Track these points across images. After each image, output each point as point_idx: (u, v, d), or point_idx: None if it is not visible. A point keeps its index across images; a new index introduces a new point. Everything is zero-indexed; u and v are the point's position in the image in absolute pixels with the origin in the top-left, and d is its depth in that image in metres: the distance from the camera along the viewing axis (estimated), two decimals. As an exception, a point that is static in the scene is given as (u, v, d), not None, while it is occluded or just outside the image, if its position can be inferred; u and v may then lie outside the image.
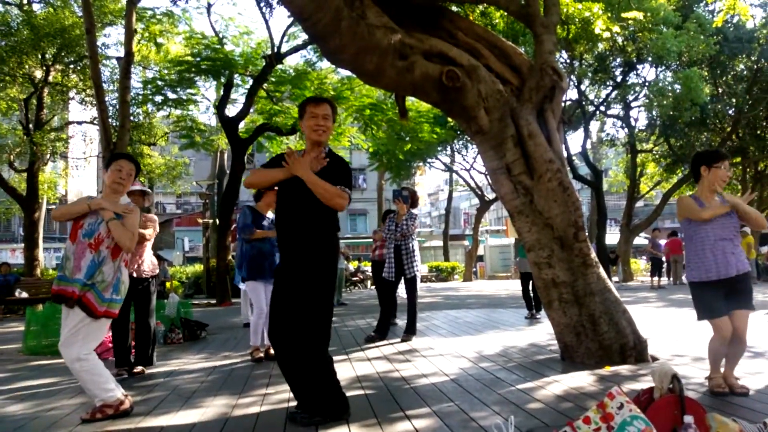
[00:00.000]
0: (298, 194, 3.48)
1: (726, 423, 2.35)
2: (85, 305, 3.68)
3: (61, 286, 3.75)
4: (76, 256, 3.76)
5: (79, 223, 3.83)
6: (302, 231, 3.46)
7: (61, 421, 3.74)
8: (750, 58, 19.66)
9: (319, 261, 3.46)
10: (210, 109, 20.03)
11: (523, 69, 5.68)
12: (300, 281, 3.41)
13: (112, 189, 3.96)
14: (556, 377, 4.48)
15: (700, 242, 3.92)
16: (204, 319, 8.87)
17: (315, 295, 3.41)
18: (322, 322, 3.45)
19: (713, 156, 4.05)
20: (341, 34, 4.70)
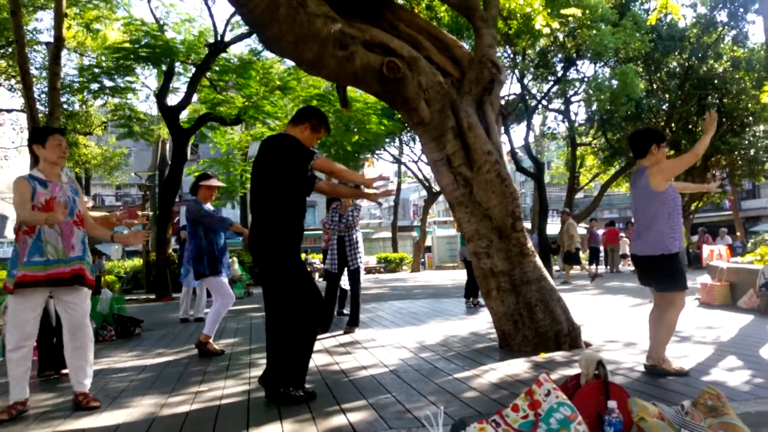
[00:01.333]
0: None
1: (646, 407, 2.43)
2: (90, 284, 3.89)
3: (51, 270, 3.68)
4: (64, 235, 3.76)
5: (52, 204, 3.72)
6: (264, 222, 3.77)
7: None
8: (682, 56, 20.50)
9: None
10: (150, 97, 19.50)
11: (464, 62, 5.73)
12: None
13: (54, 164, 3.87)
14: (493, 365, 4.55)
15: (676, 213, 4.04)
16: (141, 314, 8.62)
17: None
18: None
19: (662, 135, 4.16)
20: (279, 22, 4.63)
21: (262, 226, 3.73)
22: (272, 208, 3.71)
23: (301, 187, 3.83)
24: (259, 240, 3.74)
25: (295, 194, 3.78)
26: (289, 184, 3.74)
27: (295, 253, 3.81)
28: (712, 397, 2.50)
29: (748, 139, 21.42)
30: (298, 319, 3.69)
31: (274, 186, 3.73)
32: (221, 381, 4.47)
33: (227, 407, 3.69)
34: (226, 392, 4.09)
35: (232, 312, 9.34)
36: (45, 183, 3.77)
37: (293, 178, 3.76)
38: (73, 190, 3.93)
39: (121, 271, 19.81)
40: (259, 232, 3.74)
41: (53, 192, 3.78)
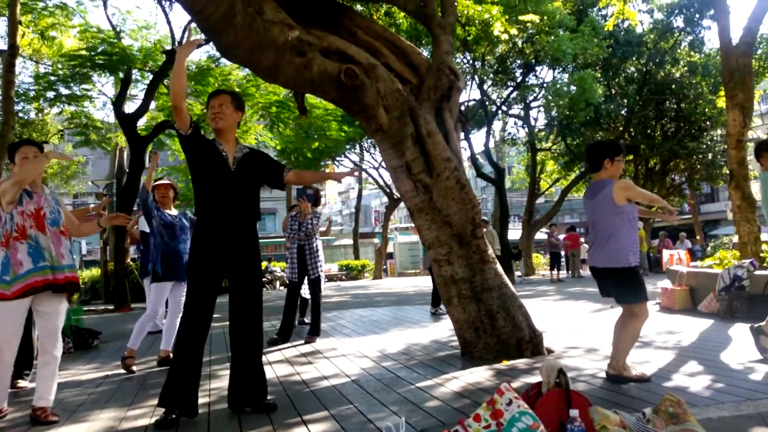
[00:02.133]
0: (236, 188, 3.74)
1: (608, 416, 2.43)
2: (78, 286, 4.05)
3: (48, 276, 3.72)
4: (55, 244, 3.82)
5: (40, 213, 3.79)
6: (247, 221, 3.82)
7: None
8: (640, 61, 20.93)
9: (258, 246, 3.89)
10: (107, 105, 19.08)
11: (422, 68, 5.73)
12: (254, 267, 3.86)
13: (35, 176, 3.91)
14: (456, 374, 4.53)
15: (634, 226, 4.10)
16: (100, 326, 8.39)
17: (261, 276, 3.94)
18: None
19: (615, 149, 4.21)
20: (235, 29, 4.54)
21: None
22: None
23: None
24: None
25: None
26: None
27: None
28: (672, 403, 2.51)
29: (705, 143, 21.93)
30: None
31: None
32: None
33: (187, 420, 3.57)
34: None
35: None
36: (31, 194, 3.83)
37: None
38: (56, 201, 4.00)
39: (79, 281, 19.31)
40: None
41: (39, 203, 3.84)
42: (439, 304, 8.99)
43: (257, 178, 3.86)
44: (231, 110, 3.78)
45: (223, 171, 3.68)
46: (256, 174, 3.85)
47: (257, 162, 3.88)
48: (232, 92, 3.95)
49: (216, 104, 3.74)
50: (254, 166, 3.84)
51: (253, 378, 3.68)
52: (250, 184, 3.79)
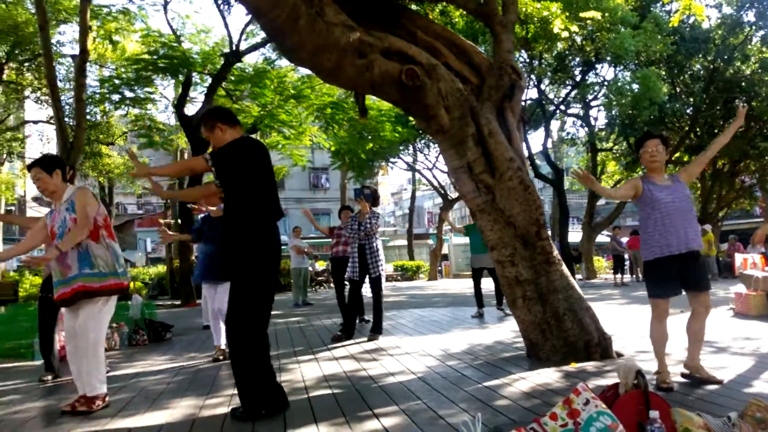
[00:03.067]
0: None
1: (691, 417, 2.36)
2: (112, 290, 4.00)
3: (58, 292, 3.93)
4: (59, 258, 3.86)
5: (52, 232, 4.01)
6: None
7: (29, 423, 3.66)
8: (706, 58, 20.08)
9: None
10: (169, 107, 19.69)
11: (483, 68, 5.69)
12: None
13: (45, 196, 4.14)
14: (523, 374, 4.49)
15: (655, 220, 4.07)
16: (168, 320, 8.71)
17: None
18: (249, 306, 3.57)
19: (639, 141, 4.27)
20: (299, 32, 4.62)
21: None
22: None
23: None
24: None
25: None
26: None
27: None
28: (760, 408, 2.42)
29: (779, 143, 20.89)
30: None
31: None
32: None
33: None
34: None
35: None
36: (52, 212, 4.08)
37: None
38: (70, 208, 3.97)
39: (146, 277, 19.98)
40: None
41: (53, 221, 4.03)
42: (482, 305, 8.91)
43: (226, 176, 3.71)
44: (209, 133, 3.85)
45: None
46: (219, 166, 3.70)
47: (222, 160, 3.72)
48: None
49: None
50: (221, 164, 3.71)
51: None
52: (224, 183, 3.71)
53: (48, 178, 4.03)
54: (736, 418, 2.37)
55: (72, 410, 3.82)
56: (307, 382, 4.52)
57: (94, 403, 3.88)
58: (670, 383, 3.89)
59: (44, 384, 4.94)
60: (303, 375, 4.81)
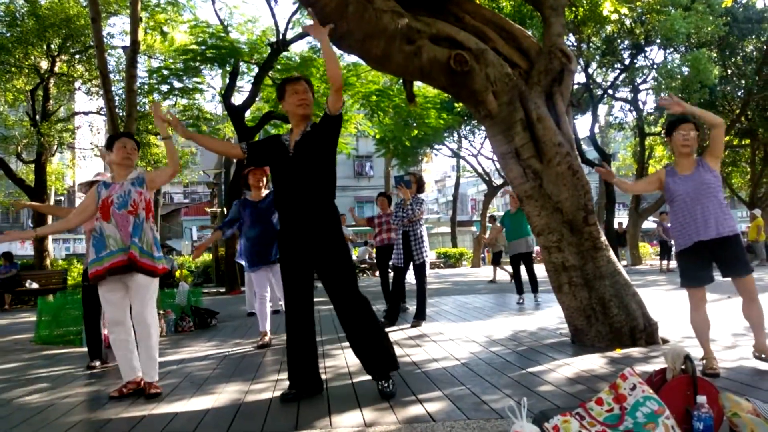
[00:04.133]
0: (298, 171, 3.69)
1: (739, 402, 2.34)
2: (145, 269, 4.01)
3: (114, 260, 3.96)
4: (120, 226, 4.01)
5: (107, 202, 4.04)
6: (315, 202, 3.70)
7: (77, 407, 3.78)
8: (760, 39, 19.41)
9: (336, 226, 3.75)
10: (216, 97, 20.03)
11: (532, 52, 5.64)
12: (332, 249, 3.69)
13: (122, 165, 4.17)
14: (567, 360, 4.48)
15: (678, 208, 4.13)
16: (214, 307, 8.90)
17: (346, 255, 3.73)
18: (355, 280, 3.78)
19: (671, 124, 4.22)
20: (348, 19, 4.67)
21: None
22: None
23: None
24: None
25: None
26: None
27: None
28: (811, 393, 2.39)
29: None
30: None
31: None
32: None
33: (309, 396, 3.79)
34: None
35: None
36: (109, 185, 4.13)
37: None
38: (138, 182, 4.14)
39: (192, 265, 20.50)
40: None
41: (111, 191, 4.07)
42: (522, 292, 8.87)
43: (318, 153, 3.72)
44: (311, 94, 3.89)
45: (283, 160, 3.76)
46: (315, 148, 3.72)
47: (317, 132, 3.77)
48: (305, 78, 3.98)
49: (300, 90, 3.81)
50: (314, 140, 3.74)
51: (370, 358, 3.70)
52: (310, 163, 3.69)
53: (136, 152, 4.27)
54: (787, 405, 2.34)
55: (146, 392, 3.94)
56: (351, 368, 4.58)
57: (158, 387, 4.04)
58: (716, 369, 3.87)
59: (92, 370, 5.08)
60: (347, 361, 4.87)
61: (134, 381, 4.06)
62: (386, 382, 3.65)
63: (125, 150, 4.17)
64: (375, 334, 3.71)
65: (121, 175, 4.17)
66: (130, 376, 4.07)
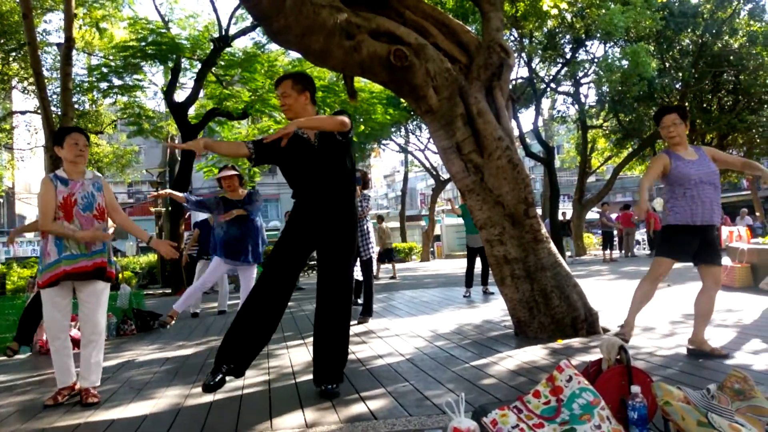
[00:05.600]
0: (324, 162, 3.64)
1: (671, 391, 2.39)
2: (109, 277, 3.98)
3: (75, 265, 3.81)
4: (84, 230, 3.86)
5: (69, 200, 3.86)
6: (337, 196, 3.68)
7: (10, 417, 3.61)
8: (695, 33, 20.10)
9: (354, 222, 3.76)
10: (158, 94, 19.52)
11: (471, 47, 5.66)
12: (345, 243, 3.68)
13: (73, 162, 3.96)
14: (510, 352, 4.53)
15: (679, 191, 4.20)
16: (159, 309, 8.69)
17: (353, 249, 3.75)
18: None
19: (656, 116, 4.42)
20: (285, 14, 4.58)
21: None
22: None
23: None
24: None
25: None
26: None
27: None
28: (738, 380, 2.46)
29: (766, 116, 20.97)
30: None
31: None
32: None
33: (249, 397, 3.74)
34: (247, 382, 4.11)
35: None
36: (66, 181, 3.91)
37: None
38: (97, 186, 4.01)
39: (137, 266, 19.92)
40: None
41: (72, 189, 3.89)
42: (471, 285, 8.98)
43: (340, 147, 3.70)
44: (294, 96, 3.72)
45: (305, 151, 3.65)
46: (337, 141, 3.68)
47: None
48: (291, 75, 3.83)
49: (279, 94, 3.75)
50: (333, 135, 3.68)
51: (331, 358, 3.63)
52: (334, 155, 3.67)
53: (88, 149, 4.06)
54: (715, 390, 2.40)
55: (84, 401, 3.76)
56: (295, 368, 4.53)
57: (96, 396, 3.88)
58: (627, 336, 4.21)
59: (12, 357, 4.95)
60: (291, 360, 4.81)
61: (69, 386, 3.93)
62: (331, 385, 3.59)
63: (77, 147, 3.93)
64: (343, 335, 3.66)
65: (76, 173, 3.96)
66: (66, 382, 3.93)
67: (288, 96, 3.71)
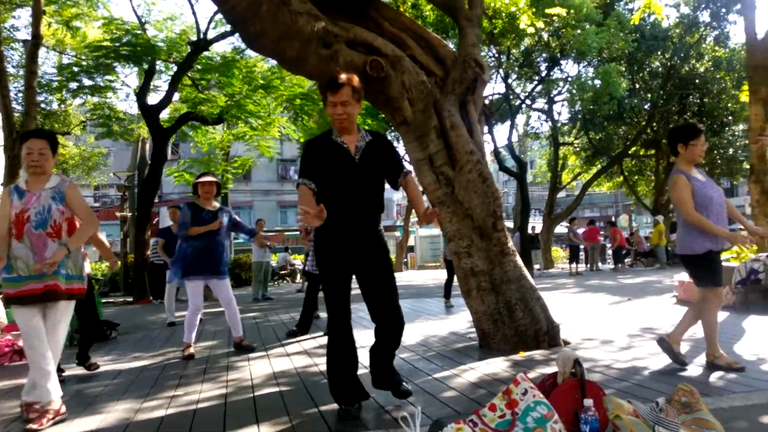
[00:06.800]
0: (361, 181, 3.42)
1: (621, 404, 2.44)
2: (72, 295, 3.69)
3: (23, 288, 3.51)
4: (36, 249, 3.55)
5: (21, 217, 3.56)
6: (374, 214, 3.52)
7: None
8: (664, 56, 20.68)
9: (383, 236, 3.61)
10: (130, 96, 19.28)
11: (448, 61, 5.73)
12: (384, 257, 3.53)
13: (30, 173, 3.69)
14: (473, 364, 4.56)
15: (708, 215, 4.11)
16: (119, 317, 8.50)
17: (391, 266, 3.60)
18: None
19: (689, 134, 4.21)
20: (261, 19, 4.59)
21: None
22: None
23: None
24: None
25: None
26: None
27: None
28: (686, 393, 2.52)
29: (727, 138, 21.73)
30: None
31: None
32: (198, 385, 4.43)
33: (203, 411, 3.66)
34: (202, 396, 4.05)
35: (209, 314, 9.25)
36: (23, 193, 3.63)
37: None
38: (58, 197, 3.67)
39: (98, 273, 19.49)
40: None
41: (27, 203, 3.59)
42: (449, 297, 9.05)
43: (381, 169, 3.53)
44: (354, 104, 3.39)
45: (345, 164, 3.39)
46: (380, 164, 3.51)
47: (382, 152, 3.54)
48: (350, 81, 3.38)
49: (338, 102, 3.34)
50: (379, 157, 3.50)
51: (383, 370, 3.58)
52: (374, 173, 3.48)
53: (51, 156, 3.72)
54: (663, 403, 2.45)
55: (39, 425, 3.42)
56: (255, 380, 4.46)
57: (57, 412, 3.59)
58: (735, 364, 4.02)
59: None
60: (251, 373, 4.74)
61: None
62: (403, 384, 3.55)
63: (31, 156, 3.61)
64: (393, 350, 3.62)
65: (35, 184, 3.65)
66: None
67: (348, 104, 3.35)
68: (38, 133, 3.79)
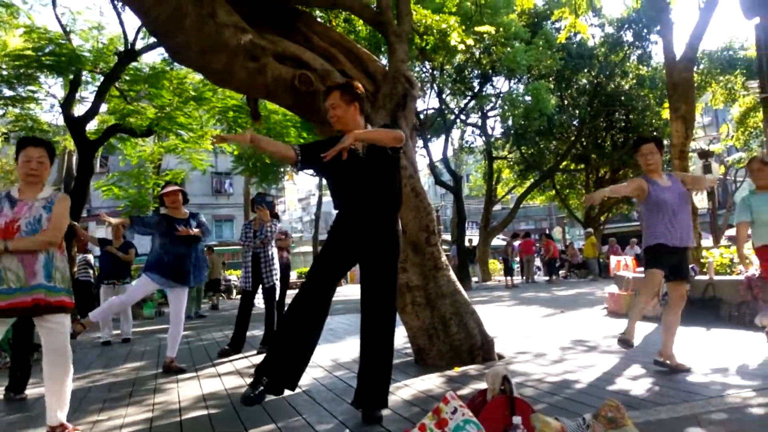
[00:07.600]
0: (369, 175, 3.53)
1: (548, 422, 2.45)
2: (63, 307, 3.53)
3: (9, 301, 3.34)
4: (26, 261, 3.39)
5: (11, 227, 3.39)
6: (384, 211, 3.60)
7: None
8: (591, 73, 21.53)
9: (398, 238, 3.73)
10: (55, 107, 18.48)
11: (378, 76, 5.72)
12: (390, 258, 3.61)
13: (26, 182, 3.55)
14: (407, 381, 4.52)
15: (657, 214, 4.43)
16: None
17: (396, 266, 3.71)
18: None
19: (634, 145, 4.72)
20: (185, 31, 4.45)
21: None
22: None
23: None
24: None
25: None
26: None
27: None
28: (612, 408, 2.55)
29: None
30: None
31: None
32: (123, 409, 4.22)
33: None
34: (126, 420, 3.86)
35: (138, 334, 8.94)
36: (15, 202, 3.49)
37: None
38: (48, 208, 3.53)
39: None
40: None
41: (18, 213, 3.45)
42: None
43: (389, 162, 3.59)
44: (344, 107, 3.55)
45: (352, 162, 3.45)
46: (387, 157, 3.56)
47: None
48: (339, 86, 3.65)
49: (327, 106, 3.59)
50: (384, 150, 3.53)
51: (375, 379, 3.63)
52: (381, 167, 3.55)
53: (49, 165, 3.60)
54: (590, 419, 2.48)
55: None
56: (183, 403, 4.28)
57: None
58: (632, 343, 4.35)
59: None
60: (179, 395, 4.55)
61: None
62: (376, 410, 3.52)
63: (30, 164, 3.50)
64: (388, 355, 3.72)
65: (29, 192, 3.54)
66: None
67: (338, 107, 3.56)
68: (36, 141, 3.64)
